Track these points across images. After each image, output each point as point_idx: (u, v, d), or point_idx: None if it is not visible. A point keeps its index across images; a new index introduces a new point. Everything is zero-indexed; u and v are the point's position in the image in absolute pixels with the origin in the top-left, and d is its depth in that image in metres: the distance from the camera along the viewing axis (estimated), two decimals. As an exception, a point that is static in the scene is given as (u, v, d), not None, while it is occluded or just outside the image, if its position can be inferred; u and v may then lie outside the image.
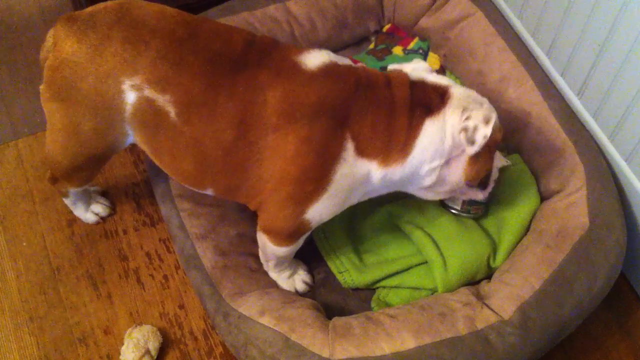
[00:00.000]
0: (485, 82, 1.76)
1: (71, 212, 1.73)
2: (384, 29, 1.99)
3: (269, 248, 1.44)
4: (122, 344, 1.53)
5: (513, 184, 1.62)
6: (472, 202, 1.57)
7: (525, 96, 1.68)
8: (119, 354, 1.52)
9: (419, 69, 1.40)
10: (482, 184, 1.46)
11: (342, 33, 1.93)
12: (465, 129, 1.31)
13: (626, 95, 1.48)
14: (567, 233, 1.46)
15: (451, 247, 1.51)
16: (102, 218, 1.75)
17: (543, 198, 1.61)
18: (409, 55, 1.90)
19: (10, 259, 1.70)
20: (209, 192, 1.41)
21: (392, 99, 1.32)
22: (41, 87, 1.36)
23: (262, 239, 1.44)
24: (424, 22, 1.93)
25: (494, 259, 1.53)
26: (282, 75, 1.29)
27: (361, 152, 1.31)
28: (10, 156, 1.88)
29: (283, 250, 1.43)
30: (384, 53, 1.92)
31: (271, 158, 1.30)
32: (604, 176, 1.53)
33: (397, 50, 1.92)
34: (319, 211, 1.34)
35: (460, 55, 1.84)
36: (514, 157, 1.66)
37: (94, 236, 1.74)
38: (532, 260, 1.43)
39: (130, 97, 1.29)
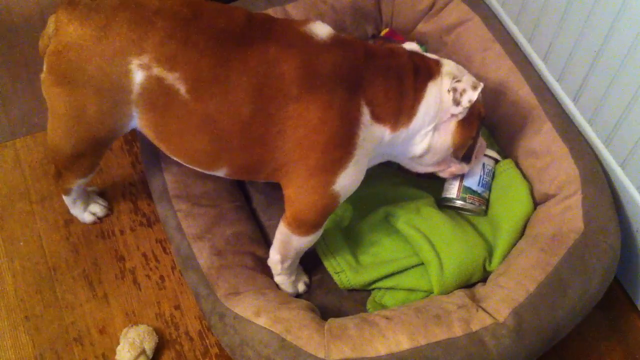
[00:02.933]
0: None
1: (68, 211, 1.73)
2: (382, 34, 2.00)
3: (294, 242, 1.45)
4: (118, 343, 1.53)
5: (506, 188, 1.64)
6: (467, 190, 1.60)
7: (521, 101, 1.69)
8: (115, 353, 1.52)
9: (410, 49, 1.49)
10: (466, 157, 1.53)
11: (340, 37, 1.93)
12: (454, 89, 1.39)
13: (621, 101, 1.49)
14: (562, 237, 1.47)
15: (448, 249, 1.52)
16: (99, 218, 1.75)
17: (538, 202, 1.62)
18: (406, 59, 1.91)
19: (7, 258, 1.70)
20: (222, 172, 1.42)
21: (398, 65, 1.38)
22: (42, 75, 1.36)
23: (286, 234, 1.44)
24: (422, 26, 1.94)
25: (490, 262, 1.54)
26: (295, 46, 1.32)
27: (376, 117, 1.36)
28: (8, 156, 1.88)
29: (307, 240, 1.45)
30: (381, 57, 1.93)
31: (294, 128, 1.32)
32: (599, 181, 1.54)
33: (395, 54, 1.93)
34: (348, 179, 1.37)
35: (457, 60, 1.83)
36: (506, 162, 1.67)
37: (91, 236, 1.74)
38: (527, 264, 1.44)
39: (138, 76, 1.29)
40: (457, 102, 1.39)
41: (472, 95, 1.38)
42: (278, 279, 1.54)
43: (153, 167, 1.63)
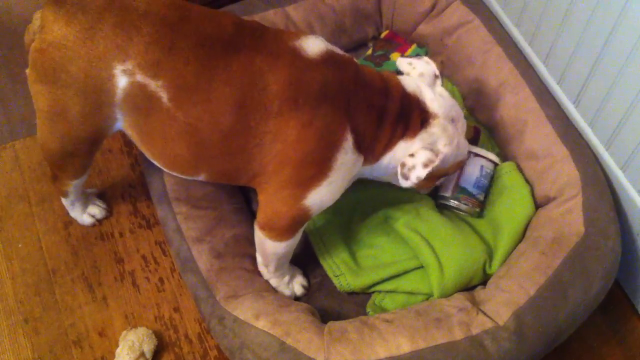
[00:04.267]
0: (483, 90, 1.77)
1: (67, 214, 1.73)
2: (382, 35, 2.00)
3: (268, 246, 1.44)
4: (117, 346, 1.53)
5: (508, 191, 1.63)
6: (462, 190, 1.62)
7: (522, 104, 1.69)
8: (114, 356, 1.52)
9: (425, 74, 1.45)
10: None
11: (340, 38, 1.93)
12: (403, 165, 1.38)
13: (622, 104, 1.49)
14: (563, 240, 1.46)
15: (448, 252, 1.51)
16: (98, 220, 1.75)
17: (539, 205, 1.62)
18: (406, 61, 1.91)
19: (6, 260, 1.70)
20: (201, 177, 1.42)
21: (384, 108, 1.37)
22: (27, 70, 1.35)
23: (260, 237, 1.44)
24: (422, 28, 1.94)
25: (490, 265, 1.54)
26: (283, 60, 1.30)
27: (357, 146, 1.36)
28: (7, 157, 1.88)
29: (282, 246, 1.44)
30: (381, 59, 1.93)
31: (272, 142, 1.31)
32: (599, 184, 1.54)
33: (395, 56, 1.93)
34: (319, 197, 1.37)
35: (457, 62, 1.85)
36: (508, 165, 1.67)
37: (90, 238, 1.73)
38: (527, 267, 1.44)
39: (122, 81, 1.28)
40: (405, 177, 1.38)
41: (420, 173, 1.37)
42: (271, 282, 1.54)
43: (153, 169, 1.62)
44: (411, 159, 1.37)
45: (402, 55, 1.92)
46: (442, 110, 1.41)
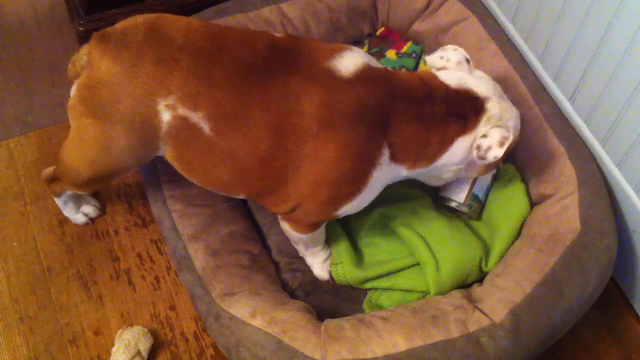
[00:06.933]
0: (478, 87, 1.77)
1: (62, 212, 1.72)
2: (378, 33, 1.99)
3: (292, 234, 1.49)
4: (113, 345, 1.52)
5: (504, 189, 1.63)
6: (474, 198, 1.60)
7: (517, 101, 1.68)
8: (110, 355, 1.52)
9: (461, 62, 1.43)
10: None
11: (335, 36, 1.93)
12: (478, 147, 1.37)
13: (618, 101, 1.49)
14: (559, 237, 1.46)
15: (444, 250, 1.51)
16: (92, 219, 1.74)
17: (535, 203, 1.62)
18: (402, 59, 1.91)
19: (1, 259, 1.69)
20: (241, 196, 1.45)
21: (431, 113, 1.35)
22: (71, 101, 1.35)
23: (284, 226, 1.48)
24: (418, 26, 1.94)
25: (486, 262, 1.54)
26: (317, 82, 1.30)
27: (395, 158, 1.35)
28: (2, 156, 1.87)
29: (307, 236, 1.49)
30: (377, 56, 1.92)
31: (310, 164, 1.31)
32: (595, 181, 1.54)
33: (391, 53, 1.93)
34: (350, 208, 1.40)
35: (453, 59, 1.85)
36: (509, 166, 1.67)
37: (85, 237, 1.73)
38: (523, 264, 1.44)
39: (165, 116, 1.30)
40: (482, 158, 1.38)
41: (497, 152, 1.36)
42: (306, 260, 1.60)
43: (148, 167, 1.62)
44: (485, 140, 1.36)
45: (398, 52, 1.92)
46: (490, 90, 1.41)
